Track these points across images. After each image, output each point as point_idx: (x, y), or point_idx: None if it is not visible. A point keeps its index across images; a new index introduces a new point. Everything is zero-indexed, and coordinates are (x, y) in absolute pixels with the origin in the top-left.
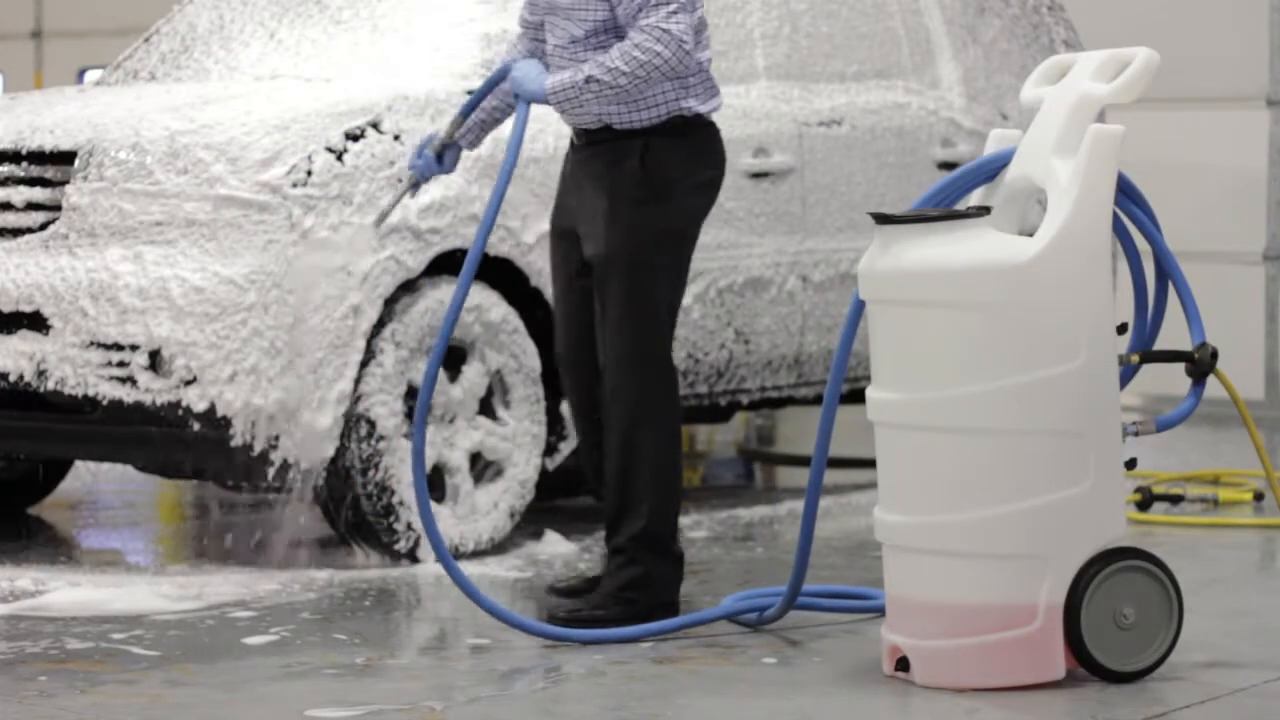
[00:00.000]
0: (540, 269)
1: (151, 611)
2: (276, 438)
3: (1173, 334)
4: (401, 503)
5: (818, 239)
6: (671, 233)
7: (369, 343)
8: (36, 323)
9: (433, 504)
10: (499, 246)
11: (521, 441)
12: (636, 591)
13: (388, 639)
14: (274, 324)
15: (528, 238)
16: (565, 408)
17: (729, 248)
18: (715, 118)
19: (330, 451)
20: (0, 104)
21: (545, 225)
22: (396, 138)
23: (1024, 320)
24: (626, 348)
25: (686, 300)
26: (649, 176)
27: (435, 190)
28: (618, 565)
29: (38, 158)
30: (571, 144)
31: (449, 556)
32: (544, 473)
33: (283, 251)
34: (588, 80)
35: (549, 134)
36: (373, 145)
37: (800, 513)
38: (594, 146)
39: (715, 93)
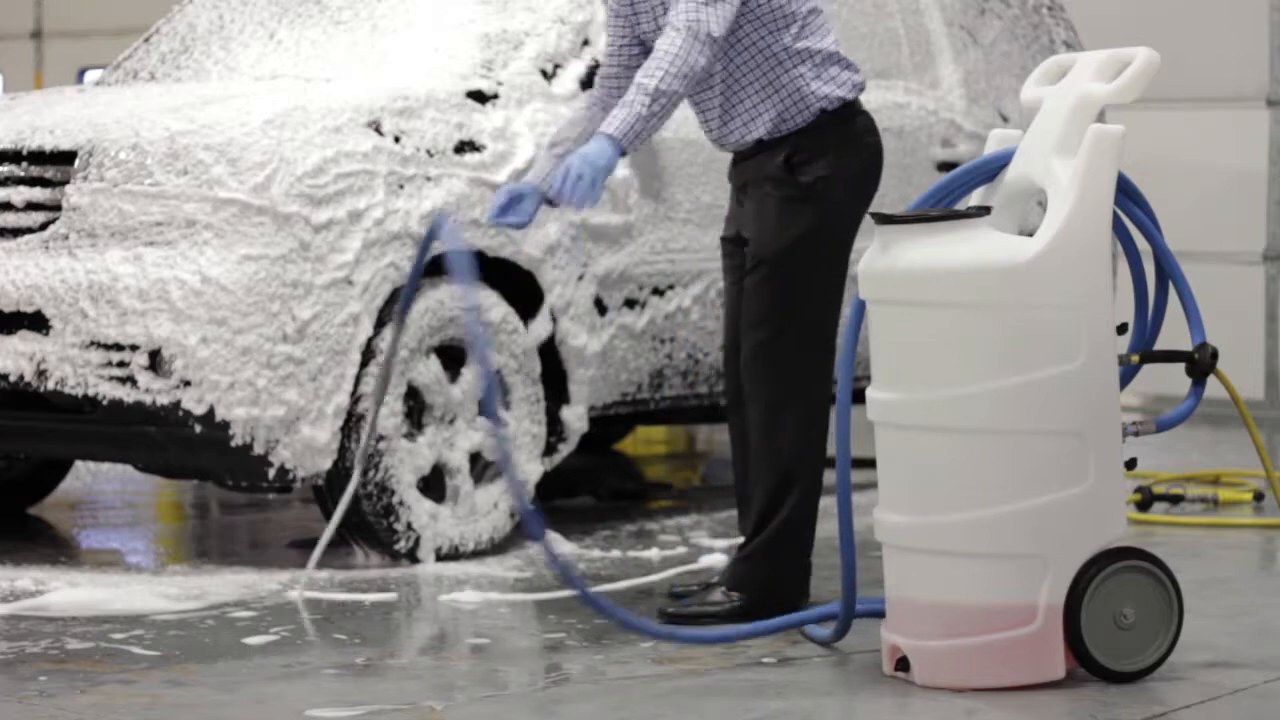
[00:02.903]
0: (549, 280)
1: (151, 611)
2: (276, 440)
3: (1173, 334)
4: (401, 503)
5: None
6: (821, 232)
7: (368, 344)
8: (37, 323)
9: (431, 504)
10: (500, 250)
11: (521, 442)
12: (747, 590)
13: (388, 639)
14: (273, 331)
15: (528, 245)
16: (565, 411)
17: None
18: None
19: (328, 464)
20: (0, 104)
21: (548, 230)
22: (396, 139)
23: (1024, 320)
24: (762, 348)
25: (686, 301)
26: (796, 177)
27: (436, 195)
28: (733, 561)
29: (38, 158)
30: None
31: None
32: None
33: (282, 256)
34: (651, 102)
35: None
36: (373, 147)
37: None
38: (749, 158)
39: (851, 74)
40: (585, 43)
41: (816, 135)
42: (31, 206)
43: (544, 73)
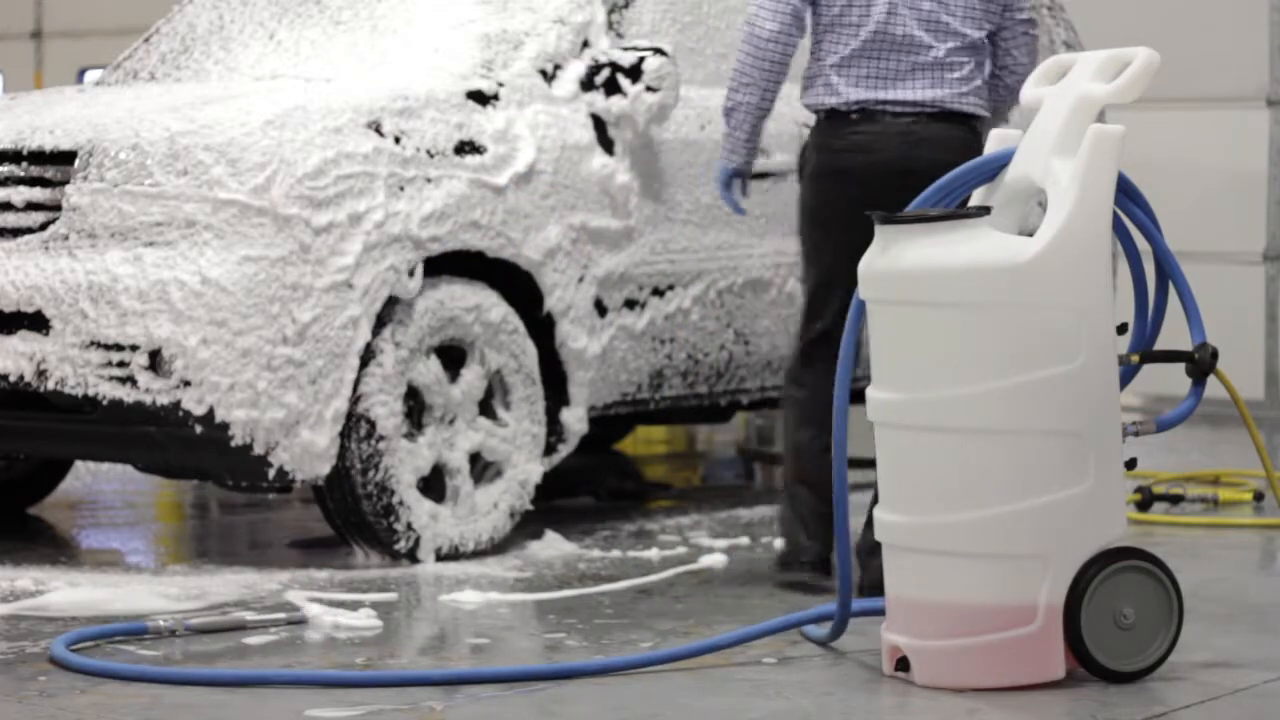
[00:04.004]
0: (549, 283)
1: (151, 611)
2: (276, 442)
3: (1173, 334)
4: (401, 503)
5: None
6: (801, 212)
7: (368, 345)
8: (37, 323)
9: (431, 504)
10: (500, 252)
11: (521, 442)
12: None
13: (388, 639)
14: (273, 333)
15: (528, 248)
16: (565, 413)
17: (729, 249)
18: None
19: (327, 469)
20: (0, 104)
21: (548, 234)
22: (397, 139)
23: (1024, 320)
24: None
25: (686, 302)
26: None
27: (438, 197)
28: None
29: (38, 158)
30: None
31: None
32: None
33: (282, 258)
34: (727, 122)
35: (555, 144)
36: (373, 148)
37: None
38: None
39: (823, 93)
40: (585, 43)
41: (812, 129)
42: (31, 206)
43: (544, 73)
